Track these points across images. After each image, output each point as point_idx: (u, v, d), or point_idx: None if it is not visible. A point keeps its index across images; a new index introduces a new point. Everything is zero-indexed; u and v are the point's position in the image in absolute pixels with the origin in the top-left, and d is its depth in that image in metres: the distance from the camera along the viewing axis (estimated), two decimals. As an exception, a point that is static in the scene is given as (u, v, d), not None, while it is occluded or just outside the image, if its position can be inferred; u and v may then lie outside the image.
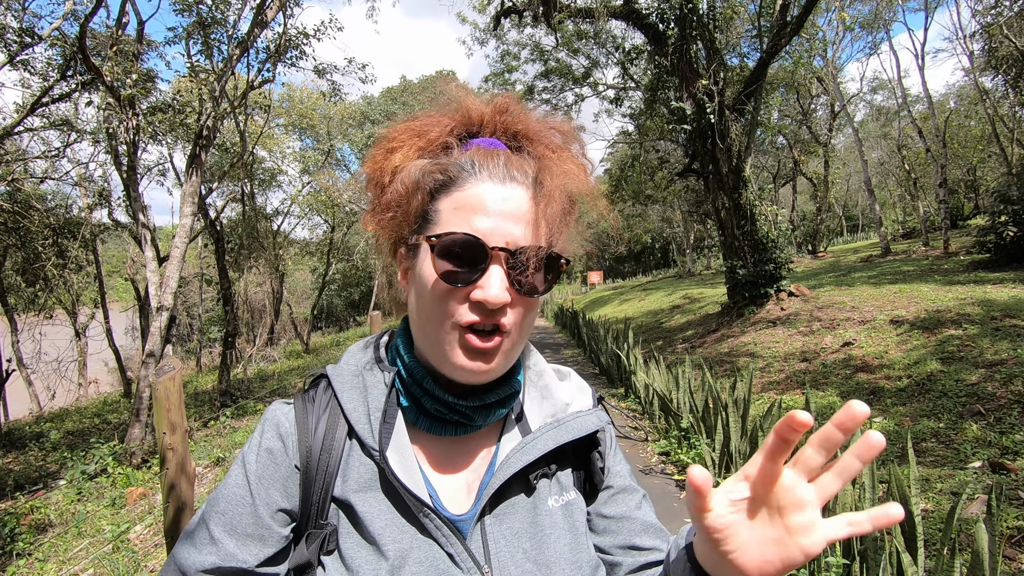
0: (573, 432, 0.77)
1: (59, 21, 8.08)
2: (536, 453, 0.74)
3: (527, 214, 0.68)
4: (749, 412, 4.31)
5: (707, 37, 10.09)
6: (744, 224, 10.08)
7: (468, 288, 0.67)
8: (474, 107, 0.76)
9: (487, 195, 0.68)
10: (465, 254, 0.66)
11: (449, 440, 0.77)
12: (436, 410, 0.73)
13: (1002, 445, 4.10)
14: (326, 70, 12.79)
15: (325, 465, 0.71)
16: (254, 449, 0.73)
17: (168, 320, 8.15)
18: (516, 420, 0.80)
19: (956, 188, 24.72)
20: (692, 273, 29.00)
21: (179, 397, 2.75)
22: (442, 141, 0.74)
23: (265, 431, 0.73)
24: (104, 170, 15.29)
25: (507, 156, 0.71)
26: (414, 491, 0.68)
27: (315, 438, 0.72)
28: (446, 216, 0.69)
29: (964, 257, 11.44)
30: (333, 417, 0.74)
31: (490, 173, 0.69)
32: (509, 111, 0.76)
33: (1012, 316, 6.38)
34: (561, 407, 0.81)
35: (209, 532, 0.69)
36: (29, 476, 7.79)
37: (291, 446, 0.72)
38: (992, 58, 14.77)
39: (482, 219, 0.67)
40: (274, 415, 0.75)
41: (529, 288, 0.68)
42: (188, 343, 25.21)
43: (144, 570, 4.07)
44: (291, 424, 0.73)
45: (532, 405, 0.82)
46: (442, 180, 0.70)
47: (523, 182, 0.70)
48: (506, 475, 0.72)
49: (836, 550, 2.75)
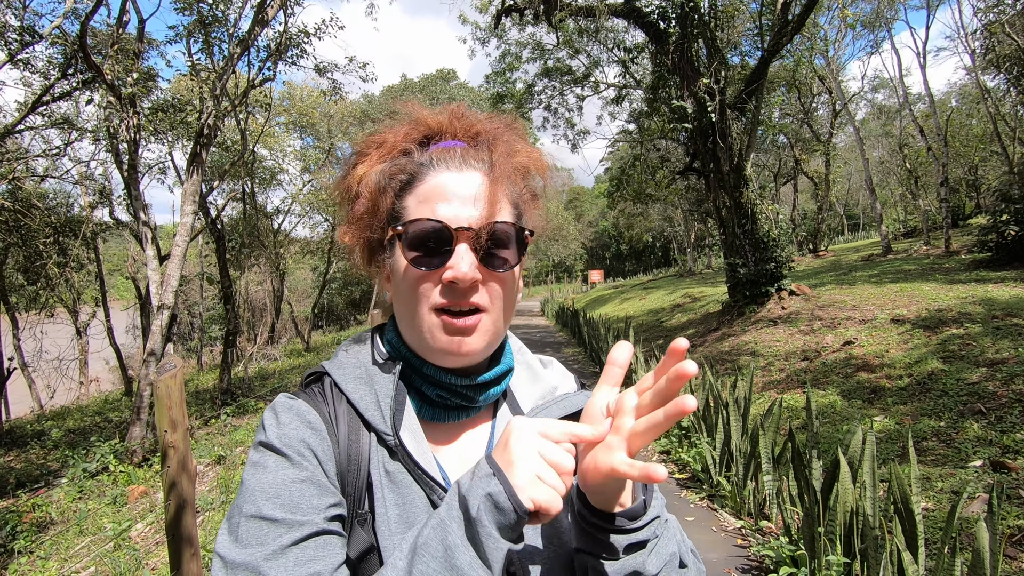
0: (563, 409, 0.80)
1: (60, 19, 8.08)
2: None
3: (486, 193, 0.72)
4: (750, 411, 4.31)
5: (708, 35, 10.07)
6: (745, 223, 10.07)
7: (439, 271, 0.70)
8: (430, 116, 0.81)
9: (447, 183, 0.72)
10: (432, 239, 0.70)
11: (450, 426, 0.80)
12: (438, 395, 0.76)
13: (1003, 444, 4.10)
14: (327, 68, 12.78)
15: (356, 453, 0.71)
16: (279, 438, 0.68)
17: (169, 318, 8.16)
18: (508, 402, 0.84)
19: (957, 187, 24.67)
20: (693, 272, 28.97)
21: (180, 395, 2.75)
22: (402, 147, 0.78)
23: (287, 421, 0.70)
24: (105, 168, 15.30)
25: (463, 149, 0.76)
26: (429, 471, 0.71)
27: (339, 426, 0.72)
28: (412, 210, 0.72)
29: (965, 256, 11.42)
30: (351, 411, 0.74)
31: (447, 164, 0.74)
32: (465, 115, 0.81)
33: (1013, 315, 6.37)
34: (549, 389, 0.85)
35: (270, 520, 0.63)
36: (30, 474, 7.80)
37: (326, 434, 0.71)
38: (994, 56, 14.74)
39: (444, 205, 0.71)
40: (288, 404, 0.72)
41: (499, 262, 0.72)
42: (189, 341, 25.23)
43: (145, 568, 4.08)
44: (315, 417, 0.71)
45: (522, 386, 0.85)
46: (404, 179, 0.74)
47: (480, 168, 0.74)
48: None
49: (837, 549, 2.76)
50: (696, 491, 4.47)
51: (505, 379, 0.81)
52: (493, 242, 0.71)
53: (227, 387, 12.23)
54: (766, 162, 25.75)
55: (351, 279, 38.28)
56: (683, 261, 29.65)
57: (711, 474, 4.46)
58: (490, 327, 0.73)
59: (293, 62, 11.63)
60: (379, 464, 0.72)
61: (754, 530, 3.69)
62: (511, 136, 0.80)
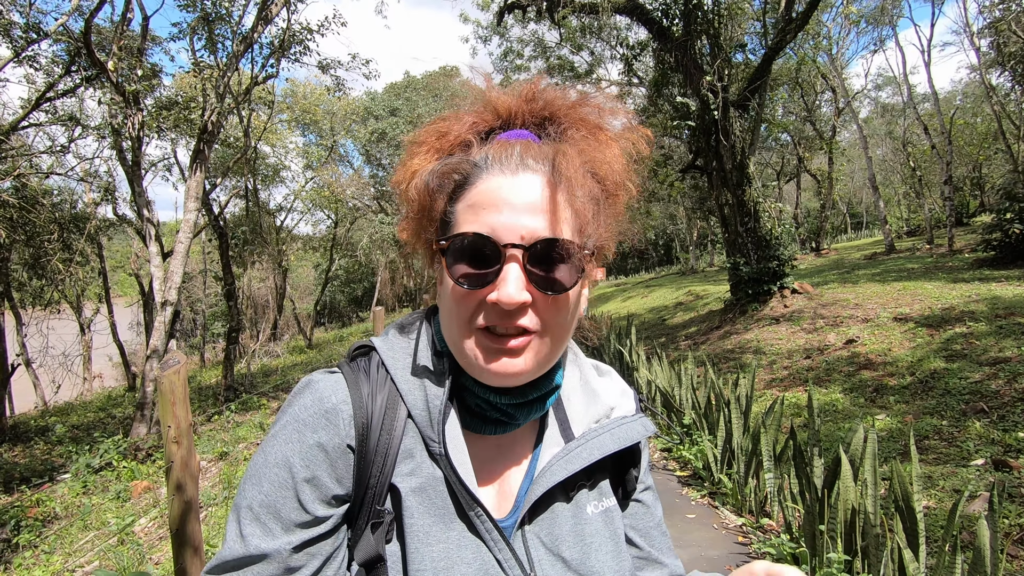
0: (619, 441, 0.74)
1: (65, 17, 8.10)
2: (580, 464, 0.71)
3: (545, 203, 0.63)
4: (751, 409, 4.31)
5: (712, 33, 10.05)
6: (748, 221, 10.05)
7: (483, 290, 0.63)
8: (500, 100, 0.71)
9: (499, 189, 0.63)
10: (477, 254, 0.62)
11: (489, 439, 0.73)
12: (477, 406, 0.70)
13: (1005, 443, 4.09)
14: (330, 65, 12.78)
15: (385, 446, 0.66)
16: (293, 426, 0.65)
17: (172, 315, 8.19)
18: (557, 419, 0.76)
19: (961, 185, 24.58)
20: (695, 270, 28.93)
21: (184, 391, 2.76)
22: (462, 139, 0.70)
23: (308, 406, 0.66)
24: (109, 165, 15.36)
25: (524, 145, 0.66)
26: (472, 489, 0.65)
27: (373, 414, 0.66)
28: (461, 217, 0.65)
29: (969, 255, 11.38)
30: (392, 396, 0.69)
31: (502, 166, 0.65)
32: (536, 98, 0.71)
33: (1017, 314, 6.36)
34: (605, 411, 0.77)
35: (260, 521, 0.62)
36: (35, 469, 7.85)
37: (344, 420, 0.65)
38: (1000, 54, 14.66)
39: (494, 215, 0.62)
40: (317, 388, 0.67)
41: (551, 284, 0.63)
42: (192, 338, 25.31)
43: (148, 562, 4.10)
44: (342, 397, 0.66)
45: (575, 407, 0.77)
46: (457, 180, 0.66)
47: (539, 170, 0.64)
48: (548, 485, 0.69)
49: (838, 546, 2.76)
50: (697, 489, 4.48)
51: (550, 399, 0.73)
52: (547, 261, 0.62)
53: (230, 383, 12.27)
54: (769, 160, 25.69)
55: (353, 276, 38.33)
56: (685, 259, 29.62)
57: (712, 472, 4.46)
58: (542, 349, 0.65)
59: (296, 59, 11.65)
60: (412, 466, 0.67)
61: (755, 528, 3.69)
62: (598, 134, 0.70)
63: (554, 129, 0.70)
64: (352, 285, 40.60)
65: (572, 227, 0.64)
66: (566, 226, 0.64)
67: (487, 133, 0.71)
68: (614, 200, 0.70)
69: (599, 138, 0.69)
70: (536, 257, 0.62)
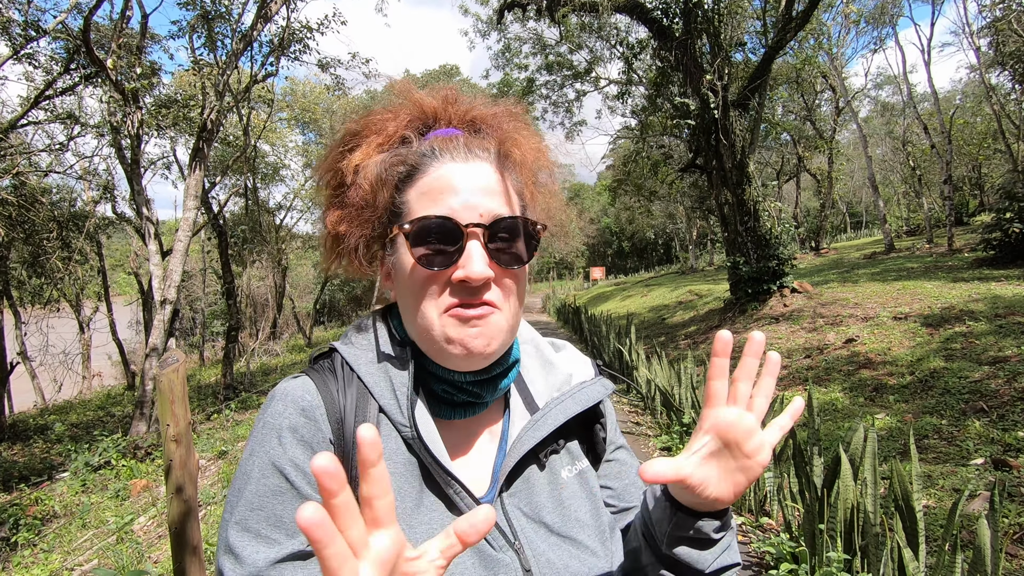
0: (580, 403, 0.77)
1: (64, 15, 8.08)
2: (547, 429, 0.74)
3: (496, 186, 0.69)
4: (751, 408, 4.31)
5: (712, 32, 10.04)
6: (747, 220, 10.05)
7: (449, 270, 0.66)
8: (424, 100, 0.76)
9: (452, 175, 0.67)
10: (440, 236, 0.65)
11: (458, 423, 0.76)
12: (444, 391, 0.72)
13: (1005, 442, 4.09)
14: (329, 64, 12.77)
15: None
16: (272, 433, 0.65)
17: (171, 314, 8.18)
18: (520, 395, 0.79)
19: (961, 185, 24.59)
20: (695, 269, 28.94)
21: (183, 389, 2.76)
22: (400, 135, 0.73)
23: (281, 411, 0.67)
24: (108, 164, 15.34)
25: (466, 137, 0.71)
26: (446, 465, 0.67)
27: (346, 409, 0.68)
28: (415, 204, 0.68)
29: (969, 254, 11.38)
30: (361, 392, 0.70)
31: (452, 154, 0.69)
32: (458, 101, 0.77)
33: (1017, 313, 6.36)
34: (564, 378, 0.80)
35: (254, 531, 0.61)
36: (34, 468, 7.85)
37: (319, 419, 0.67)
38: (999, 54, 14.65)
39: (451, 199, 0.66)
40: (287, 392, 0.68)
41: (511, 259, 0.68)
42: (191, 337, 25.31)
43: (147, 561, 4.10)
44: (313, 396, 0.68)
45: (536, 378, 0.81)
46: (405, 171, 0.70)
47: (486, 158, 0.70)
48: (519, 455, 0.72)
49: (838, 545, 2.76)
50: (697, 488, 4.48)
51: (512, 371, 0.76)
52: (504, 237, 0.67)
53: (229, 382, 12.27)
54: (769, 159, 25.68)
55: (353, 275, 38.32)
56: (685, 258, 29.64)
57: (712, 471, 4.47)
58: (503, 325, 0.68)
59: (296, 57, 11.64)
60: (389, 452, 0.68)
61: (755, 527, 3.69)
62: (513, 123, 0.76)
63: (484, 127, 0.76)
64: (351, 284, 40.57)
65: (519, 206, 0.72)
66: (517, 205, 0.71)
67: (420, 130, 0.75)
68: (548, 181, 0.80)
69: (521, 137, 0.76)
70: (495, 234, 0.67)
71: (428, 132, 0.75)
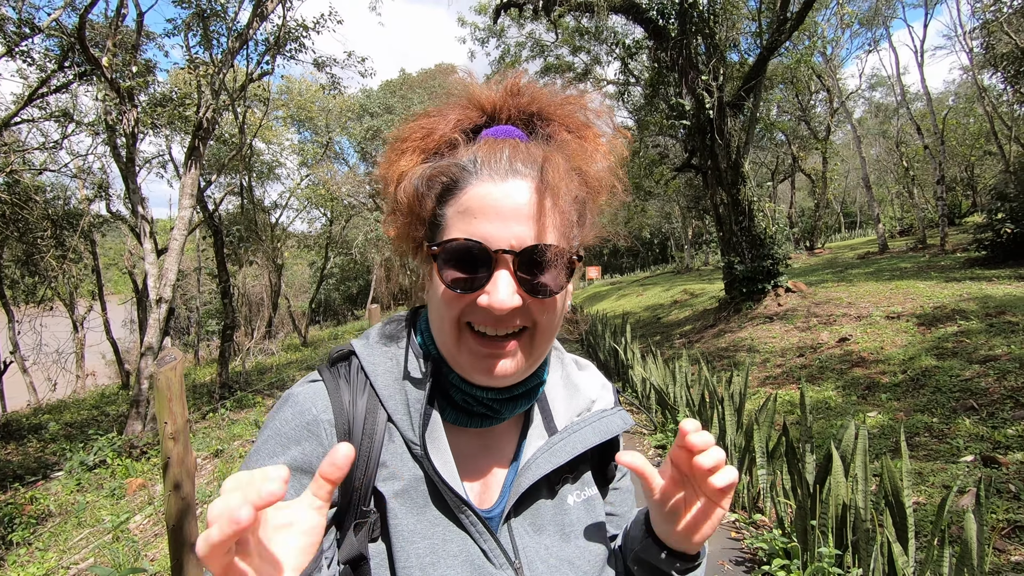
0: (599, 434, 0.76)
1: (58, 12, 8.05)
2: (564, 457, 0.73)
3: (532, 209, 0.63)
4: (745, 406, 4.35)
5: (707, 32, 10.09)
6: (742, 220, 10.10)
7: (474, 294, 0.64)
8: (483, 94, 0.71)
9: (488, 196, 0.64)
10: (468, 260, 0.63)
11: (473, 432, 0.75)
12: (463, 400, 0.71)
13: (994, 440, 4.15)
14: (325, 63, 12.75)
15: (367, 451, 0.67)
16: (275, 441, 0.66)
17: (167, 312, 8.17)
18: (541, 413, 0.78)
19: (954, 185, 24.75)
20: (690, 268, 29.03)
21: (180, 387, 2.77)
22: (448, 139, 0.70)
23: (288, 418, 0.67)
24: (103, 162, 15.27)
25: (512, 147, 0.66)
26: (455, 488, 0.67)
27: (355, 420, 0.68)
28: (451, 221, 0.66)
29: (961, 254, 11.48)
30: (372, 401, 0.70)
31: (491, 171, 0.65)
32: (522, 92, 0.71)
33: (1007, 312, 6.43)
34: (586, 404, 0.79)
35: None
36: (28, 467, 7.81)
37: (325, 430, 0.67)
38: (991, 55, 14.77)
39: (484, 223, 0.63)
40: (297, 400, 0.69)
41: (540, 289, 0.65)
42: (186, 336, 25.21)
43: (144, 559, 4.11)
44: (323, 406, 0.68)
45: (558, 400, 0.80)
46: (444, 183, 0.67)
47: (528, 175, 0.65)
48: (533, 478, 0.72)
49: (829, 541, 2.80)
50: (691, 485, 4.52)
51: (535, 393, 0.75)
52: (536, 266, 0.63)
53: (225, 381, 12.24)
54: (764, 159, 25.78)
55: (348, 274, 38.25)
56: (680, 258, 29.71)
57: (706, 468, 4.50)
58: (529, 350, 0.68)
59: (291, 56, 11.61)
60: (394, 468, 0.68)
61: (748, 523, 3.73)
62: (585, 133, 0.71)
63: (542, 126, 0.71)
64: (347, 283, 40.52)
65: (559, 231, 0.64)
66: (553, 231, 0.64)
67: (473, 130, 0.71)
68: (597, 199, 0.71)
69: (586, 136, 0.71)
70: (525, 262, 0.63)
71: (484, 130, 0.71)
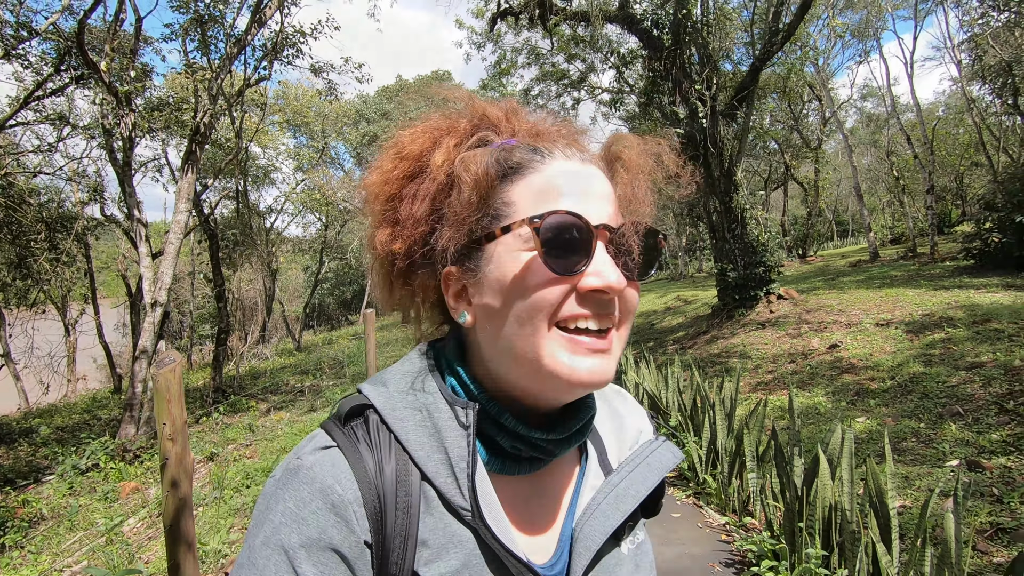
0: (657, 471, 0.67)
1: (56, 16, 8.07)
2: (632, 503, 0.64)
3: (611, 192, 0.61)
4: (736, 411, 4.41)
5: (701, 43, 10.23)
6: (735, 227, 10.22)
7: (574, 278, 0.55)
8: (489, 109, 0.67)
9: (572, 174, 0.59)
10: (568, 237, 0.54)
11: (521, 479, 0.65)
12: (513, 448, 0.61)
13: (979, 444, 4.23)
14: (322, 69, 12.83)
15: (403, 530, 0.55)
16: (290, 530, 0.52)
17: (162, 316, 8.17)
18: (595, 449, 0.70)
19: (943, 195, 25.06)
20: (684, 275, 29.17)
21: (179, 388, 2.80)
22: (479, 135, 0.65)
23: (306, 499, 0.53)
24: (97, 165, 15.25)
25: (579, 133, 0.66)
26: (517, 554, 0.57)
27: (385, 494, 0.56)
28: (526, 204, 0.58)
29: (950, 263, 11.64)
30: (402, 464, 0.58)
31: (563, 153, 0.61)
32: (519, 113, 0.69)
33: (994, 320, 6.54)
34: (634, 436, 0.72)
35: None
36: (19, 471, 7.78)
37: (355, 512, 0.54)
38: (979, 67, 15.04)
39: (573, 200, 0.57)
40: (314, 475, 0.55)
41: (638, 268, 0.59)
42: (179, 340, 25.07)
43: (139, 561, 4.11)
44: (347, 486, 0.54)
45: (607, 431, 0.72)
46: (509, 166, 0.60)
47: (595, 162, 0.63)
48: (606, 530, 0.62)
49: (816, 542, 2.86)
50: (683, 489, 4.57)
51: (589, 427, 0.67)
52: (630, 245, 0.58)
53: (218, 385, 12.22)
54: (757, 168, 26.03)
55: (343, 279, 38.19)
56: (674, 265, 29.85)
57: (697, 472, 4.56)
58: (619, 347, 0.59)
59: (289, 62, 11.67)
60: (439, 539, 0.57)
61: (738, 526, 3.79)
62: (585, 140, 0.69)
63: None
64: (342, 288, 40.41)
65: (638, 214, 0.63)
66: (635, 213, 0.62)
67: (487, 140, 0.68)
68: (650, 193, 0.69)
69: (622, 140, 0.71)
70: (620, 242, 0.58)
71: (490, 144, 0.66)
